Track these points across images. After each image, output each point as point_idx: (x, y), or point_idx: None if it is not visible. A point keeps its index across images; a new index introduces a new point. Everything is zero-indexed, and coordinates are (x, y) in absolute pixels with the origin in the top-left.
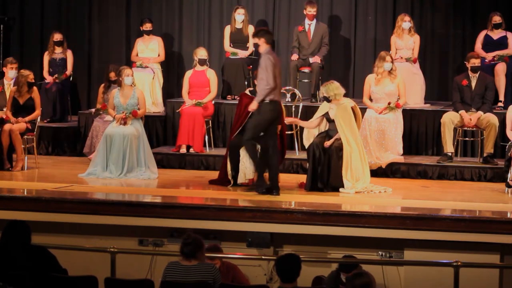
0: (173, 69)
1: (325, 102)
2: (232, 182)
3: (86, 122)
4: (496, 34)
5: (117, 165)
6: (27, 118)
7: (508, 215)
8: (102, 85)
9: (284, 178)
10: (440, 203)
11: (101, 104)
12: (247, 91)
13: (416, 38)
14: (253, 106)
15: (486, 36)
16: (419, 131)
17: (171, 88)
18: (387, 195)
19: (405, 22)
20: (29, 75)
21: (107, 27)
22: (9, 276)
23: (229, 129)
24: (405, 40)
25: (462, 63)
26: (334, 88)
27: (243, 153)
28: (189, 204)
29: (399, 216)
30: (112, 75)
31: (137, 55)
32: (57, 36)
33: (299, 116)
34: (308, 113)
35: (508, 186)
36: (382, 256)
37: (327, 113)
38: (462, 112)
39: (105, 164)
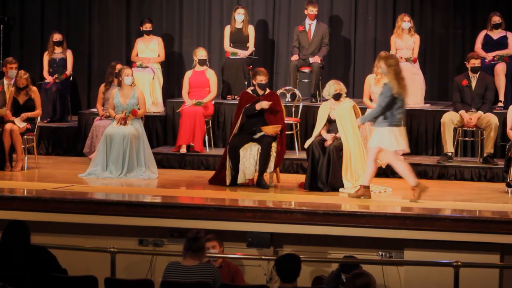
0: (173, 69)
1: (323, 106)
2: (229, 181)
3: (86, 122)
4: (496, 34)
5: (117, 165)
6: (29, 114)
7: (508, 215)
8: (103, 84)
9: (284, 178)
10: (440, 203)
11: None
12: (248, 90)
13: (416, 38)
14: None
15: (486, 36)
16: (419, 131)
17: (171, 88)
18: (387, 195)
19: (405, 22)
20: (18, 78)
21: (107, 27)
22: (9, 276)
23: (229, 129)
24: (405, 40)
25: (462, 63)
26: (337, 84)
27: (243, 153)
28: (189, 204)
29: (399, 216)
30: (119, 66)
31: (137, 55)
32: (57, 36)
33: (298, 116)
34: (308, 113)
35: (508, 186)
36: (382, 256)
37: (328, 115)
38: (462, 112)
39: (105, 164)
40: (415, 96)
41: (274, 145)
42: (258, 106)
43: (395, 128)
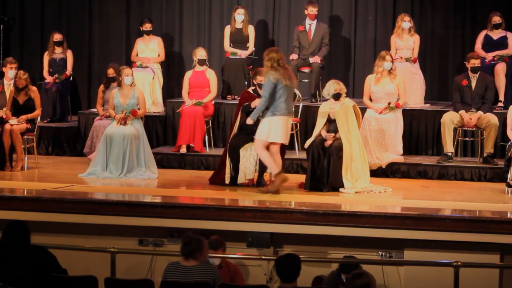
0: (173, 69)
1: (323, 106)
2: (228, 180)
3: (86, 122)
4: (496, 34)
5: (117, 165)
6: (28, 116)
7: (508, 215)
8: (101, 85)
9: None
10: (440, 203)
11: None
12: (249, 90)
13: (416, 38)
14: None
15: (486, 36)
16: (419, 131)
17: (171, 88)
18: (387, 195)
19: (405, 22)
20: (17, 79)
21: (107, 27)
22: (9, 276)
23: (229, 129)
24: (405, 40)
25: (462, 63)
26: (337, 84)
27: (243, 153)
28: (189, 204)
29: (399, 216)
30: (111, 71)
31: (137, 55)
32: (57, 36)
33: (299, 116)
34: (308, 113)
35: (508, 186)
36: (382, 256)
37: (328, 115)
38: (462, 112)
39: (105, 164)
40: (415, 96)
41: None
42: (253, 104)
43: (276, 118)
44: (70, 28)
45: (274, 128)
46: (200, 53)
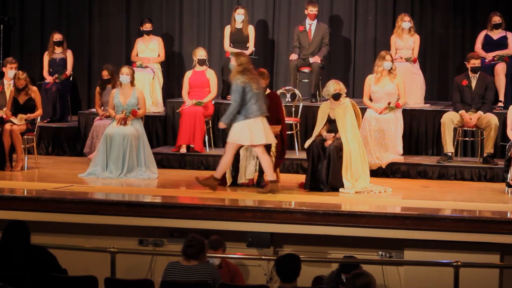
0: (173, 69)
1: (323, 106)
2: (229, 182)
3: (86, 122)
4: (496, 34)
5: (117, 165)
6: (31, 116)
7: (508, 215)
8: (97, 87)
9: (284, 178)
10: (440, 203)
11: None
12: None
13: (416, 38)
14: None
15: (486, 36)
16: (419, 131)
17: (171, 88)
18: (387, 195)
19: (405, 22)
20: (17, 80)
21: (107, 27)
22: (9, 276)
23: (229, 129)
24: (405, 40)
25: (462, 63)
26: (337, 84)
27: (243, 153)
28: (189, 204)
29: (399, 216)
30: (105, 73)
31: (137, 55)
32: (57, 36)
33: (299, 116)
34: (308, 113)
35: (508, 186)
36: (382, 256)
37: (328, 115)
38: (462, 112)
39: (105, 164)
40: (415, 96)
41: (274, 145)
42: None
43: (251, 121)
44: (70, 28)
45: (253, 131)
46: (200, 53)
